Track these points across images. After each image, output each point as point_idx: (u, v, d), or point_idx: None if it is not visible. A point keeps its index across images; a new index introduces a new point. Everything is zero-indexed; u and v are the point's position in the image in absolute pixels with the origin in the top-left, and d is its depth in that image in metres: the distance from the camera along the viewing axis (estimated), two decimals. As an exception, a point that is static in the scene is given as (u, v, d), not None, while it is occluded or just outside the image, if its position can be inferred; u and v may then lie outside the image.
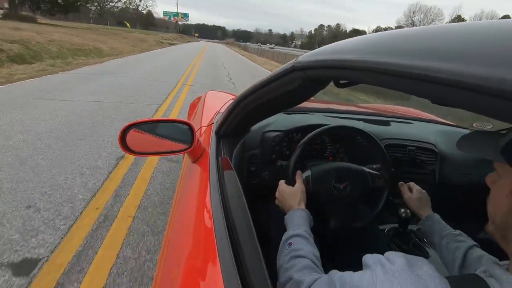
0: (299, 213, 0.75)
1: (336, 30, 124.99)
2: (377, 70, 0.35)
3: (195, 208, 0.77)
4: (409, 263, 0.37)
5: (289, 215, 0.76)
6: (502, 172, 0.40)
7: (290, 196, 0.82)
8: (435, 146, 1.25)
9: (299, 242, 0.64)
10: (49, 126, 3.30)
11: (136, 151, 0.84)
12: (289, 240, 0.66)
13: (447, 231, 0.75)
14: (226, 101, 1.58)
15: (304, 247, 0.62)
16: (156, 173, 2.53)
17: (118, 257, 1.58)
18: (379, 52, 0.36)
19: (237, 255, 0.51)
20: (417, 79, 0.29)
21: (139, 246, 1.69)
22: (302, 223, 0.72)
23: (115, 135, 3.18)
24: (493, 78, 0.22)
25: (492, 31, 0.27)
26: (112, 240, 1.70)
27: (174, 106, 5.05)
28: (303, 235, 0.66)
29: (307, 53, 0.55)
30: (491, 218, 0.42)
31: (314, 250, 0.63)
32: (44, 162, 2.48)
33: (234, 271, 0.47)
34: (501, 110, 0.24)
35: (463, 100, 0.26)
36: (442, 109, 0.40)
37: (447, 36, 0.30)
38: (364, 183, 0.92)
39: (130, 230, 1.81)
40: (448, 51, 0.27)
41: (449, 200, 1.24)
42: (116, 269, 1.51)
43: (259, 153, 1.16)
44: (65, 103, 4.32)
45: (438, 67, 0.27)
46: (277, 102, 0.75)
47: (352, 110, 1.66)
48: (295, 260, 0.59)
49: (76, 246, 1.62)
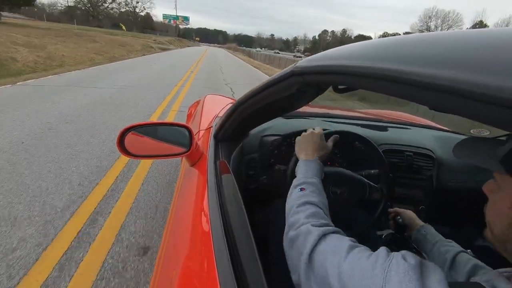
0: (319, 166, 0.74)
1: (342, 36, 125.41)
2: (376, 76, 0.35)
3: (192, 212, 0.77)
4: (422, 264, 0.37)
5: (308, 162, 0.74)
6: (502, 183, 0.39)
7: (315, 145, 0.80)
8: (433, 152, 1.26)
9: (312, 189, 0.64)
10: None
11: (134, 154, 0.84)
12: (301, 185, 0.65)
13: (438, 238, 0.75)
14: (225, 105, 1.58)
15: (317, 196, 0.62)
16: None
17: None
18: (378, 59, 0.36)
19: (234, 259, 0.51)
20: (414, 86, 0.30)
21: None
22: (318, 174, 0.71)
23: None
24: (489, 85, 0.22)
25: (487, 39, 0.27)
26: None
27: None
28: (317, 185, 0.66)
29: (305, 58, 0.55)
30: (490, 227, 0.41)
31: (324, 201, 0.63)
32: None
33: (231, 275, 0.47)
34: (497, 117, 0.24)
35: (459, 106, 0.27)
36: (440, 115, 0.40)
37: (444, 43, 0.30)
38: (362, 192, 0.93)
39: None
40: (445, 58, 0.28)
41: (446, 206, 1.24)
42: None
43: (258, 157, 1.16)
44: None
45: (435, 74, 0.27)
46: (276, 106, 0.75)
47: (350, 115, 1.67)
48: (306, 205, 0.59)
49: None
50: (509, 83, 0.21)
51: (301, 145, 0.82)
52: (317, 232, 0.49)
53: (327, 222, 0.55)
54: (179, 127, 0.91)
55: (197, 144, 0.95)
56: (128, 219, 1.92)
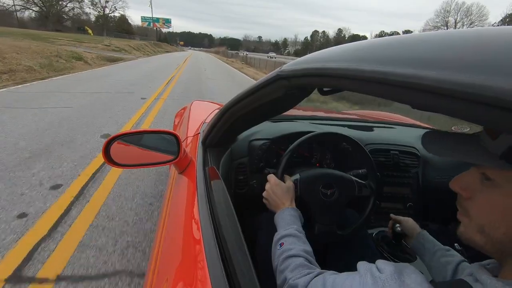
0: (291, 212, 0.74)
1: (339, 36, 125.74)
2: (359, 78, 0.36)
3: (183, 219, 0.76)
4: (398, 271, 0.37)
5: (280, 214, 0.74)
6: (500, 178, 0.35)
7: (282, 193, 0.80)
8: (418, 150, 1.29)
9: (290, 241, 0.64)
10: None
11: (121, 164, 0.83)
12: (280, 241, 0.65)
13: (437, 247, 0.74)
14: (212, 110, 1.58)
15: (296, 246, 0.62)
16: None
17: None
18: (361, 60, 0.37)
19: (227, 265, 0.50)
20: (397, 86, 0.30)
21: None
22: (293, 222, 0.71)
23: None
24: (471, 84, 0.23)
25: (468, 39, 0.28)
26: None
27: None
28: (294, 234, 0.66)
29: (291, 61, 0.56)
30: (481, 230, 0.38)
31: (305, 247, 0.63)
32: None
33: (224, 281, 0.47)
34: (478, 115, 0.24)
35: (441, 105, 0.27)
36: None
37: (426, 44, 0.31)
38: (351, 191, 0.94)
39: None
40: (427, 58, 0.28)
41: (433, 202, 1.27)
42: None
43: (247, 161, 1.16)
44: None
45: (418, 74, 0.28)
46: (263, 110, 0.75)
47: (336, 117, 1.69)
48: (288, 260, 0.59)
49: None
50: (490, 82, 0.22)
51: (270, 201, 0.82)
52: (300, 286, 0.50)
53: (310, 270, 0.56)
54: (166, 134, 0.90)
55: (185, 151, 0.94)
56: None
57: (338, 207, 0.92)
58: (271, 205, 0.82)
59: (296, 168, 1.01)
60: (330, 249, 0.96)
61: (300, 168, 1.00)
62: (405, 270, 0.38)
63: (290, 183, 0.85)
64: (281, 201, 0.79)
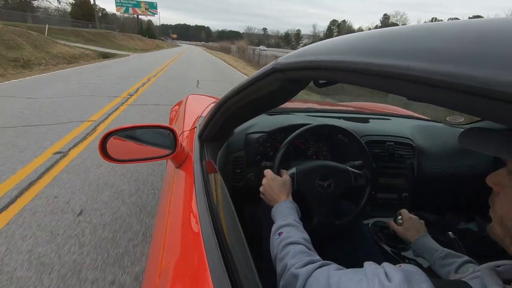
0: (288, 205, 0.75)
1: (349, 28, 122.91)
2: (354, 70, 0.36)
3: (181, 214, 0.76)
4: (407, 280, 0.36)
5: (277, 207, 0.75)
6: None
7: (278, 187, 0.81)
8: (412, 141, 1.30)
9: (289, 230, 0.65)
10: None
11: (118, 159, 0.82)
12: (279, 230, 0.66)
13: (436, 254, 0.73)
14: (208, 104, 1.57)
15: (295, 234, 0.63)
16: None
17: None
18: (353, 52, 0.37)
19: (226, 259, 0.51)
20: (390, 77, 0.31)
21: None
22: (290, 213, 0.72)
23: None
24: (463, 76, 0.23)
25: (459, 30, 0.28)
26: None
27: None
28: (292, 224, 0.67)
29: (286, 54, 0.56)
30: (501, 221, 0.38)
31: (304, 235, 0.63)
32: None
33: (224, 274, 0.47)
34: (471, 105, 0.25)
35: (434, 96, 0.28)
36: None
37: (418, 35, 0.31)
38: (347, 181, 0.95)
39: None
40: (421, 50, 0.29)
41: (428, 192, 1.29)
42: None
43: (244, 155, 1.16)
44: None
45: (412, 66, 0.28)
46: (259, 103, 0.75)
47: (332, 109, 1.69)
48: (287, 247, 0.59)
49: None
50: (482, 73, 0.22)
51: (266, 196, 0.83)
52: (302, 276, 0.50)
53: (311, 257, 0.55)
54: (162, 129, 0.89)
55: (182, 145, 0.94)
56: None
57: (334, 198, 0.93)
58: (268, 199, 0.82)
59: (292, 161, 1.01)
60: (327, 240, 0.97)
61: (297, 161, 1.01)
62: (415, 278, 0.36)
63: (286, 177, 0.86)
64: (278, 195, 0.79)
